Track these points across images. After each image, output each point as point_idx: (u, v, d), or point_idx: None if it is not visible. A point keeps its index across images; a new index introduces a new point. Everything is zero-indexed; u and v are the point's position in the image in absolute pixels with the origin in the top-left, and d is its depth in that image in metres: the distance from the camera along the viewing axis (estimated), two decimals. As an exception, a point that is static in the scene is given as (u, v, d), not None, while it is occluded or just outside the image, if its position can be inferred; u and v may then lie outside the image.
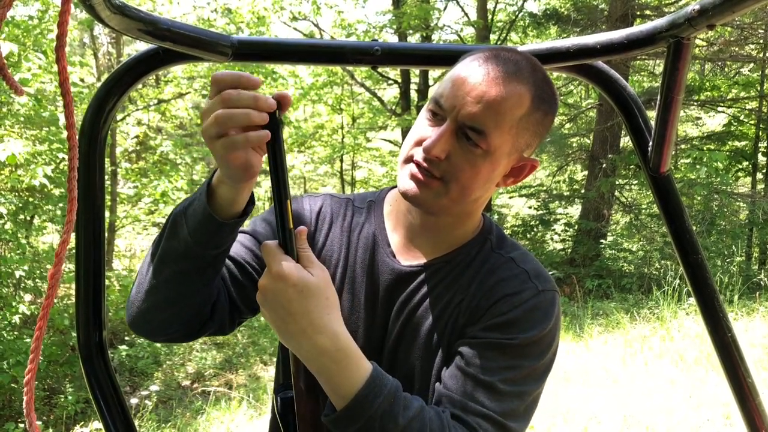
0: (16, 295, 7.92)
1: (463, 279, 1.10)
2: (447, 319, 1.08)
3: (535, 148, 1.10)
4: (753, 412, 1.27)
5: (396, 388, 0.95)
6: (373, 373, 0.94)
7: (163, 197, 11.22)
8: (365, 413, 0.91)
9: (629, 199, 12.45)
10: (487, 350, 1.02)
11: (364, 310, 1.12)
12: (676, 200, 1.22)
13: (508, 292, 1.06)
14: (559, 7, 13.28)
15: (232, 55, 1.14)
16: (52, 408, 7.30)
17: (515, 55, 1.05)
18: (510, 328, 1.03)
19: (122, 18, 0.90)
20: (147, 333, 1.09)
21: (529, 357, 1.03)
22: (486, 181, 1.05)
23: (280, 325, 0.92)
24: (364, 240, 1.15)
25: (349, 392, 0.92)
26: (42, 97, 8.04)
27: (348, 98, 17.18)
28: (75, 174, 0.73)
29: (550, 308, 1.07)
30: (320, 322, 0.92)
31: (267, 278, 0.92)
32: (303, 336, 0.92)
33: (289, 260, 0.92)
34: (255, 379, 8.64)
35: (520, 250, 1.15)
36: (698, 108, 13.36)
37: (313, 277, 0.93)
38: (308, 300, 0.91)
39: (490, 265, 1.10)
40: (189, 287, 1.01)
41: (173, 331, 1.07)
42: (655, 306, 7.48)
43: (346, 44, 1.21)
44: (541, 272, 1.10)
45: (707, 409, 4.49)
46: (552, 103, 1.07)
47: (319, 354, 0.92)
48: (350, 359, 0.93)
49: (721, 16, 0.87)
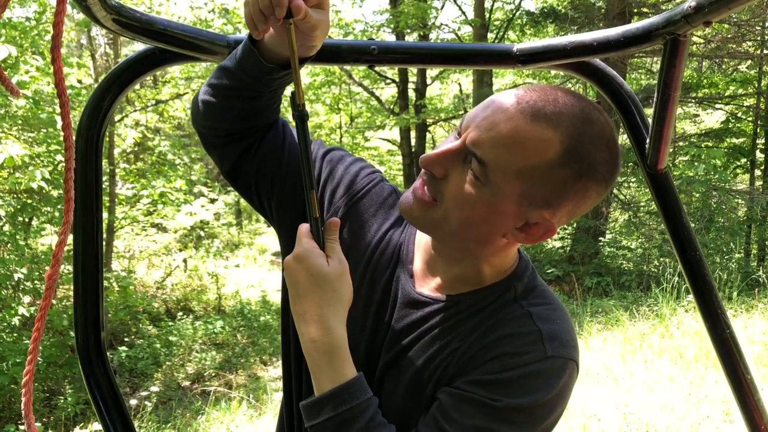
0: (15, 297, 7.91)
1: (466, 325, 1.00)
2: (438, 365, 1.00)
3: (563, 212, 0.95)
4: (752, 408, 1.27)
5: (369, 406, 0.93)
6: (351, 381, 0.93)
7: (162, 198, 11.22)
8: (324, 413, 0.92)
9: (628, 196, 12.46)
10: (465, 404, 0.93)
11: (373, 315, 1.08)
12: (674, 197, 1.22)
13: (508, 351, 0.95)
14: (557, 5, 13.27)
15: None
16: (52, 409, 7.29)
17: (570, 99, 0.92)
18: (497, 388, 0.93)
19: (118, 18, 0.90)
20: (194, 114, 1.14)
21: (513, 424, 0.92)
22: (484, 221, 0.94)
23: (291, 302, 0.97)
24: (391, 249, 1.10)
25: (322, 387, 0.94)
26: (39, 98, 8.02)
27: (346, 98, 17.18)
28: (72, 175, 0.73)
29: (555, 377, 0.94)
30: (319, 311, 0.94)
31: (291, 256, 0.97)
32: (301, 319, 0.95)
33: (312, 245, 0.96)
34: (255, 379, 8.63)
35: (548, 305, 1.01)
36: (696, 105, 13.37)
37: (328, 267, 0.95)
38: (315, 287, 0.94)
39: (501, 317, 0.99)
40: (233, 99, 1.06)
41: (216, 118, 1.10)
42: (654, 303, 7.48)
43: (343, 43, 1.20)
44: (560, 335, 0.96)
45: (707, 406, 4.49)
46: (594, 170, 0.91)
47: (309, 341, 0.95)
48: (334, 357, 0.94)
49: (717, 13, 0.87)
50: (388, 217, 1.14)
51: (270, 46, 0.99)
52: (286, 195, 1.13)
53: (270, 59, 1.00)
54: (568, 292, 9.47)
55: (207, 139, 1.14)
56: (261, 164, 1.12)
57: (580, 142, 0.90)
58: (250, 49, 1.00)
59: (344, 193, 1.14)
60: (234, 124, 1.09)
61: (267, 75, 1.01)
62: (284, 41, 0.96)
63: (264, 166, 1.12)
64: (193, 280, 13.55)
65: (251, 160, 1.13)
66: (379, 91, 16.93)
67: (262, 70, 1.00)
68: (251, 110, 1.08)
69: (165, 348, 9.46)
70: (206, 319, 10.85)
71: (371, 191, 1.14)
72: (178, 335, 9.92)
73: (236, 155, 1.13)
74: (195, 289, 13.20)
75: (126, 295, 9.63)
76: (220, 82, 1.05)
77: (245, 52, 1.01)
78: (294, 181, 1.11)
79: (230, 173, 1.15)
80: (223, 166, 1.15)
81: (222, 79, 1.05)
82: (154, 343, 9.46)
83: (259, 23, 0.93)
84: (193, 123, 1.16)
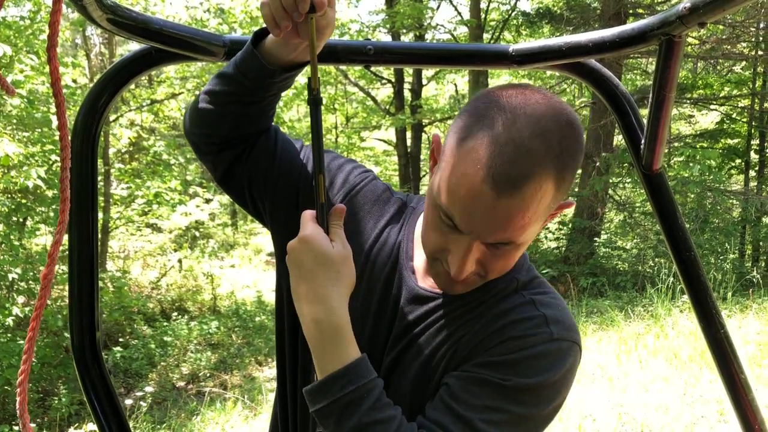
0: (9, 298, 7.88)
1: (471, 315, 1.03)
2: (444, 354, 1.02)
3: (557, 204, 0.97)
4: (746, 408, 1.27)
5: (376, 386, 0.93)
6: (357, 361, 0.93)
7: (157, 198, 11.20)
8: (330, 395, 0.91)
9: (623, 197, 12.49)
10: (474, 385, 0.95)
11: (374, 313, 1.09)
12: (669, 198, 1.22)
13: (514, 335, 0.97)
14: (552, 5, 13.30)
15: (225, 55, 1.14)
16: (46, 410, 7.27)
17: (528, 125, 0.87)
18: (506, 369, 0.95)
19: (114, 18, 0.90)
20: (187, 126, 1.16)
21: (521, 404, 0.94)
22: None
23: (293, 284, 0.96)
24: (390, 245, 1.12)
25: (326, 369, 0.92)
26: (34, 98, 8.00)
27: (342, 98, 17.19)
28: (67, 174, 0.73)
29: (561, 358, 0.97)
30: (323, 291, 0.93)
31: (295, 240, 0.96)
32: (305, 300, 0.94)
33: (318, 228, 0.96)
34: (250, 379, 8.62)
35: (548, 294, 1.05)
36: (691, 106, 13.40)
37: (332, 249, 0.95)
38: (319, 267, 0.94)
39: (505, 305, 1.02)
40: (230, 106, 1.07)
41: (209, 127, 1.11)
42: (649, 304, 7.51)
43: (339, 43, 1.20)
44: (563, 320, 1.00)
45: (701, 406, 4.51)
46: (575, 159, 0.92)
47: (312, 322, 0.94)
48: (339, 338, 0.93)
49: (712, 14, 0.87)
50: (383, 213, 1.14)
51: (271, 50, 1.01)
52: (278, 195, 1.14)
53: (271, 63, 1.02)
54: (564, 293, 9.48)
55: (200, 148, 1.15)
56: (253, 167, 1.13)
57: (564, 161, 0.89)
58: (253, 53, 1.01)
59: (338, 191, 1.14)
60: (230, 131, 1.10)
61: (268, 78, 1.02)
62: (288, 44, 0.99)
63: (256, 169, 1.13)
64: (188, 281, 13.53)
65: (243, 164, 1.14)
66: (375, 92, 16.95)
67: (264, 73, 1.02)
68: (248, 117, 1.09)
69: (160, 348, 9.44)
70: (201, 320, 10.83)
71: (365, 188, 1.15)
72: (173, 335, 9.90)
73: (229, 161, 1.14)
74: (190, 289, 13.17)
75: (121, 295, 9.63)
76: (218, 88, 1.06)
77: (247, 55, 1.02)
78: (286, 181, 1.12)
79: (223, 179, 1.17)
80: (216, 172, 1.16)
81: (220, 85, 1.06)
82: (149, 344, 9.44)
83: (281, 20, 0.94)
84: (187, 134, 1.16)
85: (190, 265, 13.55)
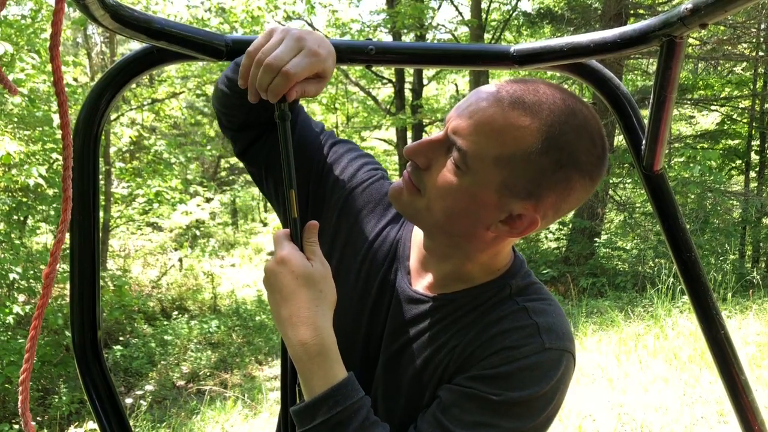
0: (9, 296, 7.88)
1: (463, 323, 1.01)
2: (438, 364, 1.01)
3: (547, 204, 0.94)
4: (746, 409, 1.27)
5: (363, 405, 0.92)
6: (344, 381, 0.92)
7: (157, 197, 11.20)
8: (318, 417, 0.90)
9: (623, 197, 12.48)
10: (466, 401, 0.94)
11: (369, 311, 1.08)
12: (670, 198, 1.22)
13: (506, 345, 0.96)
14: (553, 6, 13.29)
15: (226, 55, 1.14)
16: (47, 408, 7.27)
17: (553, 91, 0.92)
18: (497, 383, 0.94)
19: (116, 17, 0.90)
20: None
21: (511, 418, 0.93)
22: (466, 211, 0.95)
23: (274, 308, 0.94)
24: (387, 245, 1.11)
25: (313, 390, 0.91)
26: (35, 96, 8.00)
27: (342, 97, 17.17)
28: (70, 173, 0.73)
29: (552, 369, 0.95)
30: (307, 312, 0.92)
31: (272, 261, 0.95)
32: (288, 323, 0.92)
33: (293, 248, 0.95)
34: (250, 378, 8.62)
35: (544, 301, 1.02)
36: (691, 106, 13.40)
37: (312, 268, 0.94)
38: (301, 288, 0.92)
39: (498, 313, 1.00)
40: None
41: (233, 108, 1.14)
42: (649, 304, 7.50)
43: (340, 43, 1.20)
44: (556, 328, 0.98)
45: (701, 407, 4.51)
46: (576, 160, 0.91)
47: (299, 345, 0.92)
48: (325, 358, 0.92)
49: (713, 15, 0.87)
50: (385, 213, 1.14)
51: None
52: None
53: None
54: (564, 293, 9.49)
55: (222, 122, 1.19)
56: (270, 151, 1.15)
57: (560, 131, 0.90)
58: None
59: (345, 185, 1.15)
60: (246, 115, 1.12)
61: None
62: None
63: (273, 153, 1.14)
64: (189, 280, 13.54)
65: (261, 147, 1.16)
66: (376, 91, 16.95)
67: None
68: (263, 105, 1.08)
69: (160, 347, 9.45)
70: (201, 319, 10.84)
71: (371, 186, 1.15)
72: (174, 334, 9.91)
73: (248, 141, 1.17)
74: (190, 288, 13.18)
75: (121, 294, 9.62)
76: (233, 75, 1.07)
77: None
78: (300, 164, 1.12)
79: (241, 155, 1.20)
80: (235, 147, 1.20)
81: (235, 72, 1.06)
82: (149, 343, 9.44)
83: (251, 95, 0.98)
84: (213, 103, 1.19)
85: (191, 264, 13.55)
